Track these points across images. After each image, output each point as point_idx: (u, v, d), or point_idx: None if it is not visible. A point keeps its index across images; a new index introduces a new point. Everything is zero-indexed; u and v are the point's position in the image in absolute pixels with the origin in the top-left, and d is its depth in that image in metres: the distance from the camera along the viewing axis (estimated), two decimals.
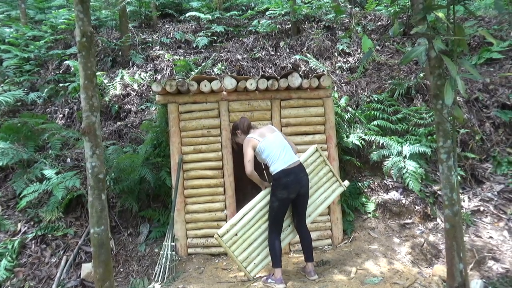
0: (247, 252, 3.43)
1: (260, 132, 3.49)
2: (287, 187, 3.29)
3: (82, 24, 2.45)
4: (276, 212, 3.37)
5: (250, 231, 3.45)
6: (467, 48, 2.69)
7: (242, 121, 3.62)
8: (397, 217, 4.47)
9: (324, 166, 3.86)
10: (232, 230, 3.37)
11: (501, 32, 6.27)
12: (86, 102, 2.47)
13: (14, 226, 4.22)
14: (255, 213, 3.48)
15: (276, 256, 3.34)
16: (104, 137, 5.52)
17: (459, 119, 2.31)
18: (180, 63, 6.34)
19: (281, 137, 3.48)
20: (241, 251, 3.40)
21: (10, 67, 6.48)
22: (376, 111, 5.39)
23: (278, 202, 3.33)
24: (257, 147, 3.39)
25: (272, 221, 3.41)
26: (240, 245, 3.40)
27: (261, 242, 3.49)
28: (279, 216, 3.40)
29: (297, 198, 3.40)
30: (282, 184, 3.29)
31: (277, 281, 3.29)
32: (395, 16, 7.00)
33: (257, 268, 3.47)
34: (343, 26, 7.57)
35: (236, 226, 3.39)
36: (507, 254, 3.71)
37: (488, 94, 5.43)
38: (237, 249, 3.38)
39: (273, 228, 3.41)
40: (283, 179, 3.29)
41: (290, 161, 3.35)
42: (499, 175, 4.72)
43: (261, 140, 3.39)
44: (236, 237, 3.38)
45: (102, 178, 2.51)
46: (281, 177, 3.30)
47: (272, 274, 3.38)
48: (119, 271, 4.11)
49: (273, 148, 3.36)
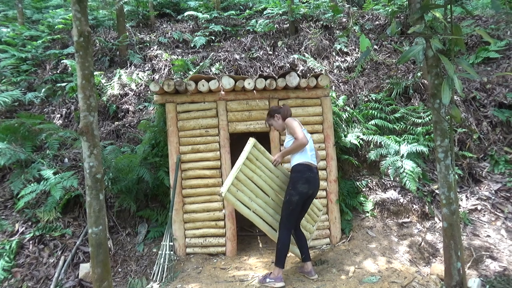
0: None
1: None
2: (309, 181, 3.29)
3: (80, 24, 2.45)
4: (295, 207, 3.29)
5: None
6: (464, 48, 2.70)
7: (286, 108, 3.63)
8: (395, 216, 4.48)
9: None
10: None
11: (498, 32, 6.30)
12: (83, 102, 2.46)
13: (12, 226, 4.21)
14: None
15: (283, 255, 3.28)
16: (102, 137, 5.51)
17: (457, 118, 2.32)
18: (178, 63, 6.34)
19: (311, 139, 3.53)
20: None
21: (7, 67, 6.46)
22: (374, 110, 5.40)
23: (299, 196, 3.27)
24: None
25: (288, 216, 3.31)
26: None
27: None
28: (296, 211, 3.32)
29: (308, 199, 3.43)
30: (305, 177, 3.28)
31: (277, 279, 3.26)
32: (392, 15, 7.01)
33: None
34: (341, 25, 7.58)
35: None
36: (504, 253, 3.73)
37: (485, 93, 5.45)
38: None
39: (287, 223, 3.32)
40: (307, 173, 3.30)
41: (314, 162, 3.41)
42: (496, 174, 4.74)
43: (303, 128, 3.40)
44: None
45: (100, 178, 2.51)
46: (305, 170, 3.31)
47: (270, 273, 3.36)
48: (117, 271, 4.11)
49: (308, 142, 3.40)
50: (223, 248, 4.22)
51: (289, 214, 3.31)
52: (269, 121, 3.69)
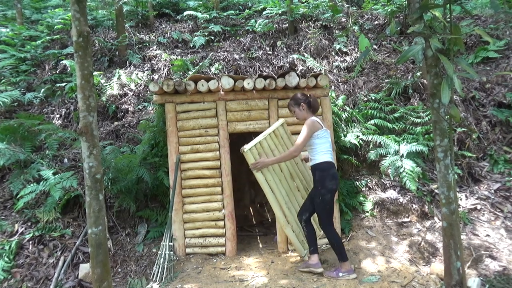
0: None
1: (321, 120, 3.53)
2: (335, 177, 3.40)
3: (79, 24, 2.44)
4: (329, 205, 3.40)
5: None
6: (463, 47, 2.70)
7: (314, 100, 3.64)
8: (394, 216, 4.49)
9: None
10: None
11: (497, 31, 6.30)
12: (83, 102, 2.46)
13: (11, 226, 4.20)
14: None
15: (342, 249, 3.39)
16: (101, 137, 5.50)
17: (456, 118, 2.32)
18: (177, 63, 6.34)
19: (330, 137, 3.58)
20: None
21: (6, 67, 6.45)
22: (373, 110, 5.40)
23: (330, 194, 3.37)
24: (318, 131, 3.43)
25: (327, 215, 3.42)
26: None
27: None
28: (332, 207, 3.43)
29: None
30: (331, 174, 3.39)
31: (349, 271, 3.35)
32: (392, 15, 7.01)
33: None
34: (340, 25, 7.58)
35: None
36: (504, 252, 3.73)
37: (485, 93, 5.45)
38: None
39: (327, 221, 3.42)
40: (332, 170, 3.41)
41: (334, 159, 3.49)
42: (496, 174, 4.74)
43: (323, 127, 3.46)
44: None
45: (100, 178, 2.50)
46: (330, 168, 3.41)
47: (337, 268, 3.42)
48: (117, 271, 4.11)
49: (328, 141, 3.48)
50: (222, 248, 4.22)
51: (328, 212, 3.42)
52: (293, 107, 3.66)
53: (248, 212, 6.05)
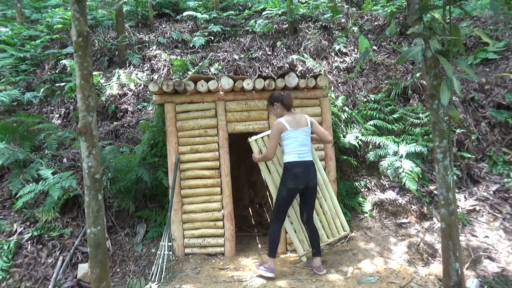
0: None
1: (293, 120, 3.54)
2: (297, 177, 3.43)
3: (78, 24, 2.44)
4: (283, 202, 3.51)
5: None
6: (463, 48, 2.70)
7: (288, 97, 3.65)
8: (393, 217, 4.49)
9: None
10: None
11: (497, 32, 6.31)
12: (82, 102, 2.46)
13: (10, 226, 4.20)
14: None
15: (274, 246, 3.49)
16: (101, 137, 5.50)
17: (455, 119, 2.33)
18: (177, 63, 6.34)
19: (306, 135, 3.56)
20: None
21: (5, 67, 6.45)
22: (373, 111, 5.41)
23: (287, 192, 3.47)
24: (283, 133, 3.51)
25: (277, 210, 3.54)
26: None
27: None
28: (285, 206, 3.53)
29: (306, 192, 3.52)
30: (292, 174, 3.44)
31: (269, 269, 3.44)
32: (391, 16, 7.02)
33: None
34: (340, 26, 7.59)
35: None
36: (502, 253, 3.74)
37: (484, 94, 5.46)
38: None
39: (275, 218, 3.54)
40: (294, 170, 3.44)
41: (304, 158, 3.48)
42: (494, 175, 4.74)
43: (288, 129, 3.49)
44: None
45: (99, 178, 2.50)
46: (292, 167, 3.45)
47: (266, 262, 3.52)
48: (116, 272, 4.10)
49: (295, 140, 3.48)
50: (221, 249, 4.22)
51: (278, 208, 3.54)
52: (269, 107, 3.80)
53: (247, 213, 6.05)
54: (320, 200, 3.94)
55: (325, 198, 3.95)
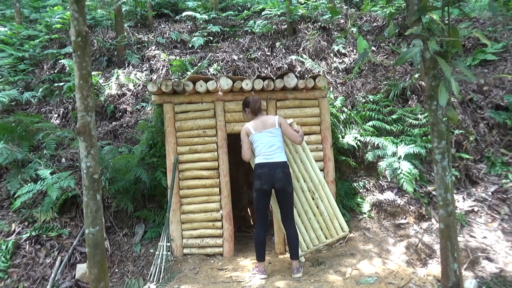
0: None
1: (259, 123, 3.61)
2: (259, 178, 3.49)
3: (77, 24, 2.44)
4: (255, 203, 3.58)
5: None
6: (461, 50, 2.71)
7: (254, 102, 3.70)
8: (392, 217, 4.49)
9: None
10: None
11: (495, 34, 6.32)
12: (81, 102, 2.46)
13: (8, 226, 4.19)
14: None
15: (258, 250, 3.55)
16: (99, 137, 5.50)
17: (453, 120, 2.33)
18: (176, 63, 6.33)
19: (273, 136, 3.56)
20: None
21: (4, 67, 6.43)
22: (371, 111, 5.41)
23: (255, 193, 3.54)
24: (249, 136, 3.62)
25: (255, 212, 3.64)
26: None
27: None
28: (258, 207, 3.58)
29: (277, 193, 3.55)
30: (256, 175, 3.53)
31: (259, 272, 3.51)
32: (390, 17, 7.02)
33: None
34: (339, 27, 7.60)
35: None
36: (500, 254, 3.74)
37: (482, 95, 5.47)
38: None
39: (255, 219, 3.64)
40: (257, 171, 3.53)
41: (271, 159, 3.51)
42: (493, 176, 4.75)
43: (254, 132, 3.58)
44: None
45: (97, 178, 2.50)
46: (256, 169, 3.55)
47: (257, 266, 3.57)
48: (114, 272, 4.10)
49: (260, 143, 3.55)
50: (220, 249, 4.22)
51: (255, 211, 3.64)
52: (242, 112, 3.91)
53: (246, 213, 6.04)
54: (316, 201, 3.94)
55: (322, 199, 3.95)
